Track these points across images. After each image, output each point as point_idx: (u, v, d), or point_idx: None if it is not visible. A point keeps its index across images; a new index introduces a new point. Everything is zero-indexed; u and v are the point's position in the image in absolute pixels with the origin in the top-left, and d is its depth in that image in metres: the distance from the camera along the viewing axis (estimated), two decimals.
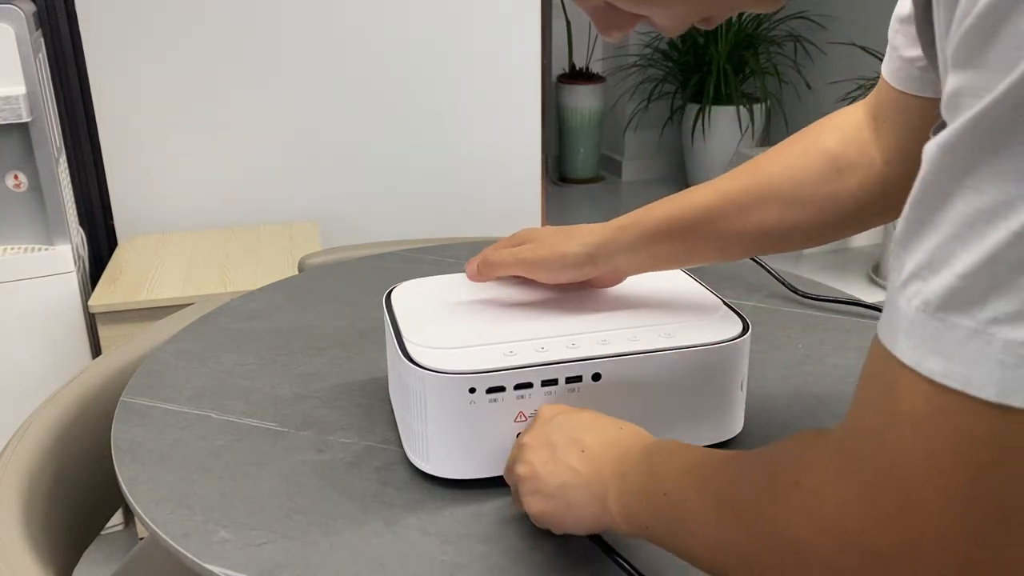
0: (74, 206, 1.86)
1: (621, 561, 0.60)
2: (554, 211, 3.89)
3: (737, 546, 0.45)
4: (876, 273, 3.10)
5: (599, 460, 0.58)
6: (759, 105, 3.89)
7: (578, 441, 0.60)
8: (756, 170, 0.75)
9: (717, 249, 0.75)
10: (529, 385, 0.68)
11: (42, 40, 1.79)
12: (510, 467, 0.64)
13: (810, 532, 0.39)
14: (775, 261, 3.15)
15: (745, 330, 0.73)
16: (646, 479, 0.53)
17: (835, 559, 0.38)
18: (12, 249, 1.69)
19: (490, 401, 0.67)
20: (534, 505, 0.61)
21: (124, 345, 1.02)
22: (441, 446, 0.69)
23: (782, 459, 0.43)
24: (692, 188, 0.77)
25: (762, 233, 0.73)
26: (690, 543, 0.49)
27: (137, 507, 0.69)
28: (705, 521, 0.47)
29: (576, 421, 0.62)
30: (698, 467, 0.50)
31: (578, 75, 4.15)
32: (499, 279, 0.82)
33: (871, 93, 0.74)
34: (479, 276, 0.81)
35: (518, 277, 0.82)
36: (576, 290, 0.80)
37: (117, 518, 1.82)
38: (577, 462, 0.58)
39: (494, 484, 0.71)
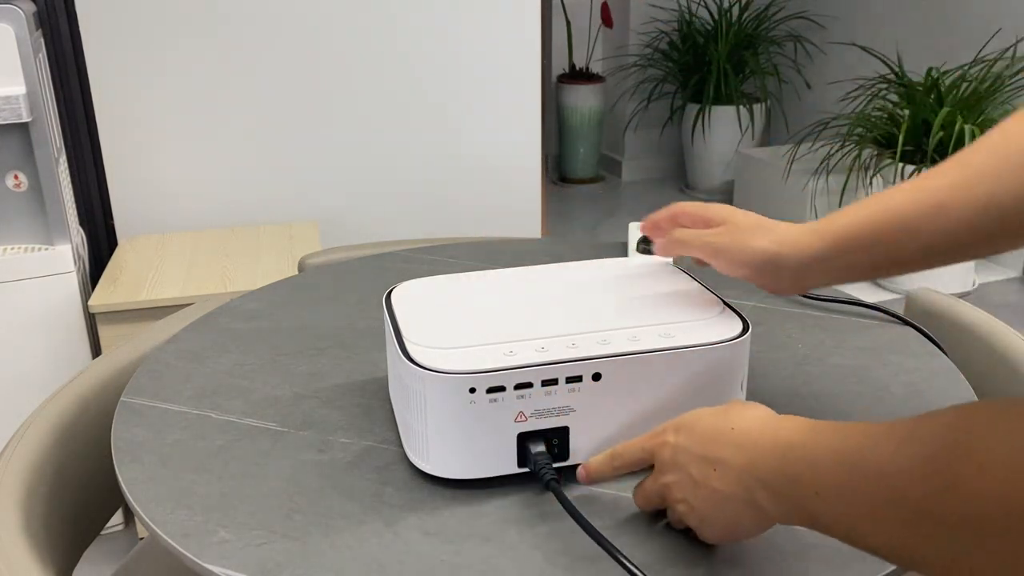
0: (74, 206, 1.86)
1: (622, 560, 0.60)
2: (554, 211, 3.89)
3: (914, 540, 0.43)
4: None
5: (734, 471, 0.57)
6: (759, 105, 3.89)
7: (707, 460, 0.59)
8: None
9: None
10: (529, 385, 0.68)
11: (42, 40, 1.79)
12: (672, 508, 0.64)
13: (999, 514, 0.37)
14: None
15: (745, 330, 0.73)
16: (790, 484, 0.52)
17: None
18: (12, 249, 1.69)
19: (490, 401, 0.67)
20: (707, 533, 0.62)
21: (124, 345, 1.02)
22: (441, 446, 0.69)
23: (953, 442, 0.41)
24: (891, 189, 0.71)
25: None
26: (860, 536, 0.48)
27: (137, 507, 0.69)
28: (872, 520, 0.46)
29: (694, 440, 0.61)
30: (842, 464, 0.48)
31: (578, 75, 4.15)
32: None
33: None
34: (663, 251, 0.79)
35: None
36: (576, 290, 0.80)
37: (117, 518, 1.82)
38: (716, 481, 0.58)
39: (494, 484, 0.71)
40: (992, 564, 0.39)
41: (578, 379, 0.68)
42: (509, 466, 0.70)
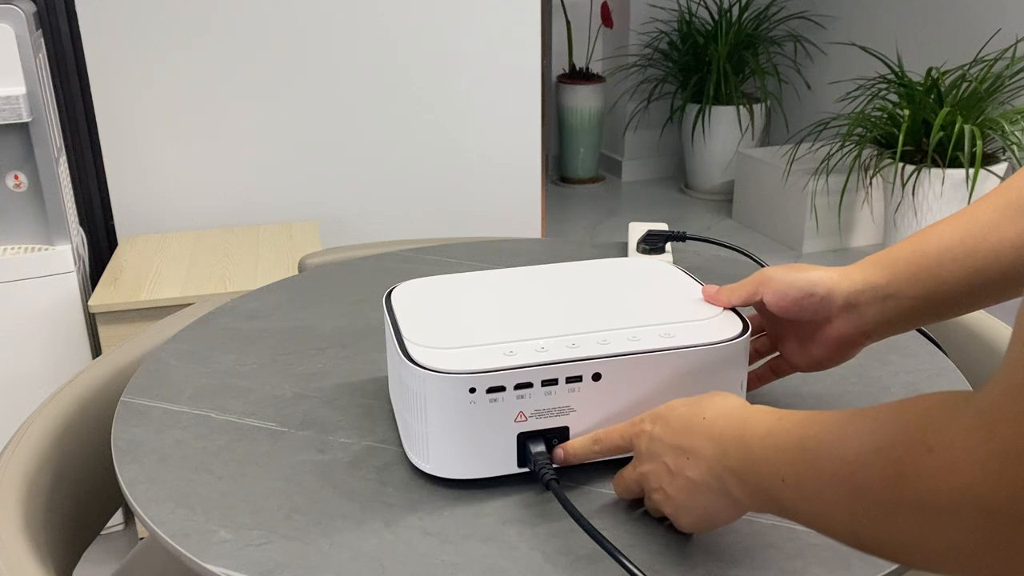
0: (74, 206, 1.86)
1: (622, 560, 0.60)
2: (554, 211, 3.89)
3: (871, 525, 0.44)
4: None
5: (705, 460, 0.59)
6: (759, 105, 3.89)
7: (680, 449, 0.61)
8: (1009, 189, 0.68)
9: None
10: (529, 385, 0.68)
11: (42, 40, 1.79)
12: (648, 496, 0.66)
13: (949, 499, 0.38)
14: (774, 262, 3.15)
15: (745, 330, 0.73)
16: (757, 472, 0.54)
17: (980, 525, 0.37)
18: (12, 249, 1.69)
19: (490, 401, 0.67)
20: (682, 521, 0.63)
21: (124, 345, 1.02)
22: (441, 446, 0.69)
23: (904, 428, 0.42)
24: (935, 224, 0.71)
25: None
26: (823, 523, 0.49)
27: (137, 507, 0.69)
28: (833, 506, 0.47)
29: (668, 430, 0.62)
30: (804, 452, 0.50)
31: (578, 75, 4.15)
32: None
33: None
34: (712, 297, 0.78)
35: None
36: (576, 290, 0.80)
37: (117, 518, 1.82)
38: (690, 470, 0.60)
39: (494, 484, 0.71)
40: (945, 548, 0.40)
41: (578, 379, 0.69)
42: (509, 466, 0.70)
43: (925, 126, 2.88)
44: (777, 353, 0.79)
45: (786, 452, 0.51)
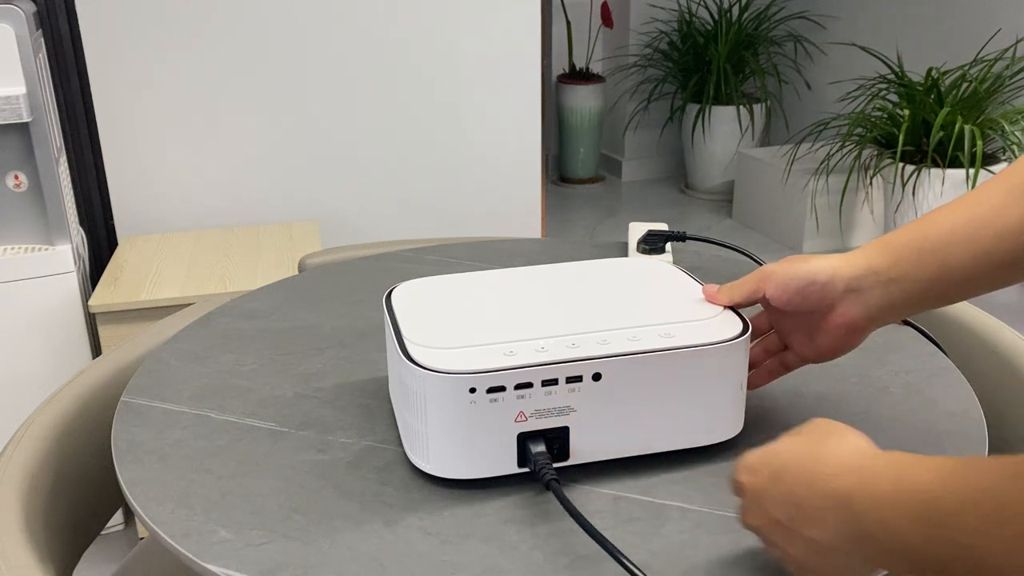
0: (74, 206, 1.86)
1: (622, 560, 0.60)
2: (554, 211, 3.89)
3: None
4: None
5: (831, 525, 0.54)
6: (759, 105, 3.89)
7: (795, 505, 0.56)
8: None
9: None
10: (529, 385, 0.68)
11: (42, 40, 1.79)
12: (766, 548, 0.61)
13: None
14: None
15: (745, 330, 0.73)
16: (893, 537, 0.49)
17: None
18: (12, 249, 1.69)
19: (490, 401, 0.67)
20: None
21: (124, 345, 1.02)
22: (441, 446, 0.69)
23: None
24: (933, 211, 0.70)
25: None
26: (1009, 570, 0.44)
27: (137, 507, 0.69)
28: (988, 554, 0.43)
29: (780, 484, 0.57)
30: (985, 513, 0.45)
31: (578, 75, 4.16)
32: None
33: None
34: (713, 296, 0.77)
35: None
36: (576, 290, 0.80)
37: (117, 518, 1.82)
38: (809, 529, 0.55)
39: (494, 484, 0.71)
40: None
41: (578, 379, 0.69)
42: (509, 466, 0.70)
43: (925, 126, 2.88)
44: (785, 348, 0.78)
45: (967, 512, 0.45)
